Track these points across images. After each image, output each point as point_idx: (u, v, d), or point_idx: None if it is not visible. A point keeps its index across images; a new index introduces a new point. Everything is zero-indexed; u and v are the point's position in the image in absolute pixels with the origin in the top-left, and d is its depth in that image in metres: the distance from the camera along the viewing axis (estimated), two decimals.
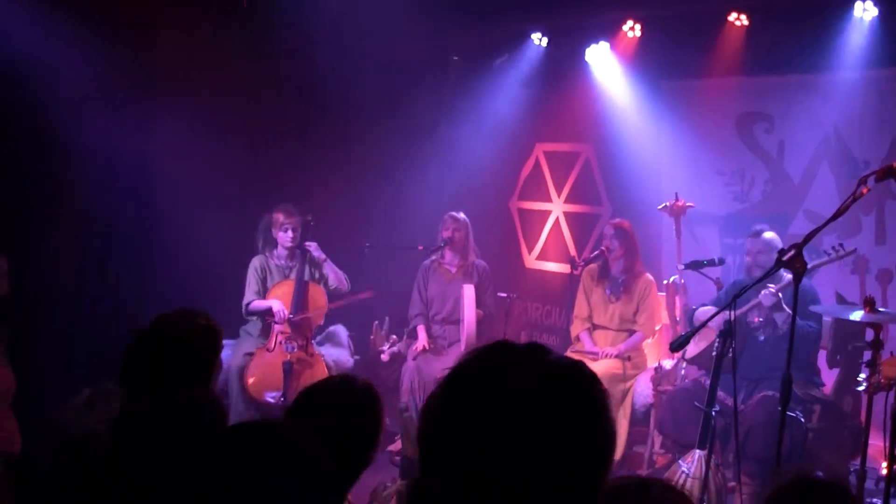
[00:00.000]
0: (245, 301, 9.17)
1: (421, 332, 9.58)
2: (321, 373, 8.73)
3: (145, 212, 10.04)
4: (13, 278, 7.38)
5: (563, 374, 1.83)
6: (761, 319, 7.90)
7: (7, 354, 6.37)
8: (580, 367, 1.88)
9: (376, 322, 9.91)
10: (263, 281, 9.23)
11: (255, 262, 9.27)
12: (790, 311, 7.31)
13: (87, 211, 9.58)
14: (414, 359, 9.32)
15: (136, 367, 4.26)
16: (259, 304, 9.13)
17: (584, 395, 1.82)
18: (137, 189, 9.94)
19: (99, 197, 9.67)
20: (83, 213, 9.55)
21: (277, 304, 9.02)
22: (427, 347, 9.45)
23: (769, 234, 8.02)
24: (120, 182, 9.75)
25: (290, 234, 9.16)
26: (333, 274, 9.28)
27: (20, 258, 8.09)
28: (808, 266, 5.66)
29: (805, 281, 7.06)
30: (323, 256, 9.24)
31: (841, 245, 7.38)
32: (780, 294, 7.63)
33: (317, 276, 9.29)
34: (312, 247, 9.22)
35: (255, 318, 9.19)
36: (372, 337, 9.86)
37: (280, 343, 8.88)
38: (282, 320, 8.94)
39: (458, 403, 1.82)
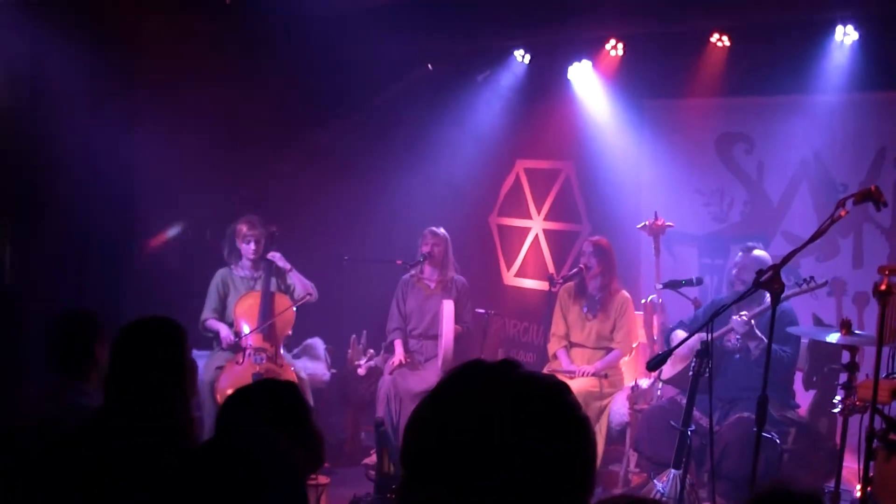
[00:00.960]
0: (202, 318, 9.15)
1: (398, 346, 9.56)
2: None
3: (122, 217, 10.02)
4: None
5: (534, 387, 1.85)
6: (735, 341, 7.91)
7: None
8: (550, 379, 1.90)
9: (353, 336, 9.89)
10: (224, 297, 9.21)
11: (217, 278, 9.25)
12: (764, 339, 7.38)
13: (65, 214, 9.56)
14: (390, 373, 9.30)
15: (111, 369, 4.28)
16: (212, 324, 9.13)
17: (556, 405, 1.83)
18: (115, 195, 9.91)
19: (77, 201, 9.65)
20: (61, 216, 9.53)
21: (224, 329, 9.03)
22: (403, 362, 9.43)
23: (760, 252, 8.03)
24: (97, 187, 9.71)
25: (252, 245, 9.13)
26: (300, 284, 9.22)
27: (16, 249, 8.08)
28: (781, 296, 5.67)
29: (784, 303, 7.09)
30: (288, 266, 9.19)
31: (812, 278, 7.39)
32: (752, 322, 7.66)
33: (283, 286, 9.25)
34: (276, 257, 9.17)
35: (210, 335, 9.16)
36: (349, 351, 9.84)
37: (249, 356, 8.84)
38: (229, 345, 8.93)
39: (436, 425, 1.84)
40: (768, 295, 5.72)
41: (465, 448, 1.76)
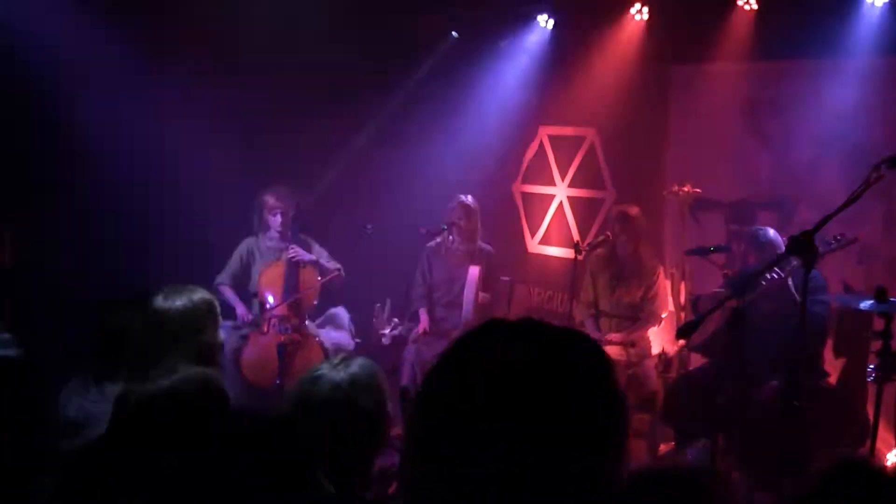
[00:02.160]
0: (217, 280, 9.09)
1: (423, 315, 9.50)
2: (315, 353, 8.66)
3: (146, 188, 9.98)
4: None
5: (561, 342, 1.74)
6: (766, 305, 7.81)
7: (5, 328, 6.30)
8: (577, 334, 1.78)
9: (378, 305, 9.85)
10: (247, 266, 9.15)
11: (243, 246, 9.23)
12: (797, 296, 7.29)
13: (88, 186, 9.53)
14: (414, 342, 9.25)
15: (134, 347, 4.22)
16: (225, 292, 9.07)
17: (584, 361, 1.73)
18: (138, 165, 9.87)
19: (99, 172, 9.61)
20: (83, 189, 9.49)
21: (241, 307, 9.00)
22: (428, 331, 9.38)
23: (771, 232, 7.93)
24: (121, 157, 9.68)
25: (278, 218, 9.07)
26: (324, 256, 9.17)
27: (20, 231, 8.04)
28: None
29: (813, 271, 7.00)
30: (313, 258, 9.08)
31: (842, 234, 7.30)
32: (789, 279, 7.53)
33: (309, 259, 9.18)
34: (297, 252, 9.04)
35: (216, 299, 9.07)
36: (373, 320, 9.79)
37: (273, 325, 8.79)
38: (244, 323, 8.88)
39: (453, 383, 1.72)
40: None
41: (483, 403, 1.66)
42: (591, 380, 1.71)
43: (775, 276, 7.53)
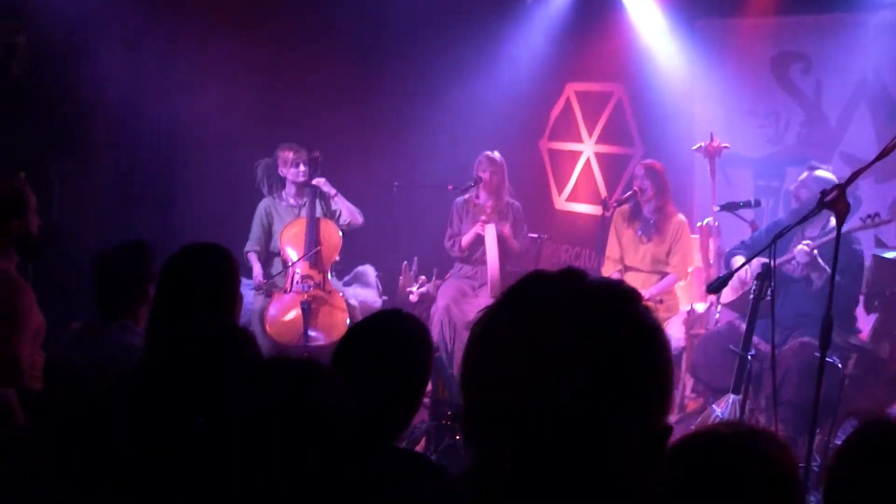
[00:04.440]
0: (245, 249, 9.06)
1: (472, 232, 9.44)
2: (340, 309, 8.66)
3: (167, 151, 10.02)
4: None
5: (606, 296, 1.69)
6: (798, 269, 7.76)
7: (35, 294, 6.33)
8: (623, 287, 1.74)
9: (405, 262, 9.83)
10: (268, 227, 9.11)
11: (261, 208, 9.14)
12: (827, 269, 7.24)
13: (110, 151, 9.58)
14: (455, 300, 9.21)
15: (158, 297, 4.22)
16: (251, 258, 9.06)
17: (628, 315, 1.69)
18: (158, 129, 9.92)
19: (121, 138, 9.67)
20: (106, 154, 9.55)
21: (257, 268, 8.97)
22: (482, 231, 9.30)
23: (822, 173, 7.81)
24: (141, 122, 9.75)
25: (301, 168, 9.02)
26: (346, 209, 9.12)
27: (45, 197, 8.04)
28: (844, 228, 5.51)
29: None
30: (333, 191, 9.08)
31: (877, 214, 7.24)
32: (815, 252, 7.48)
33: (328, 212, 9.15)
34: (321, 182, 9.06)
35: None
36: (400, 278, 9.78)
37: (297, 283, 8.78)
38: (259, 286, 8.87)
39: (497, 344, 1.68)
40: (832, 220, 5.58)
41: (529, 360, 1.62)
42: (638, 332, 1.68)
43: (805, 248, 7.49)
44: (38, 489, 3.57)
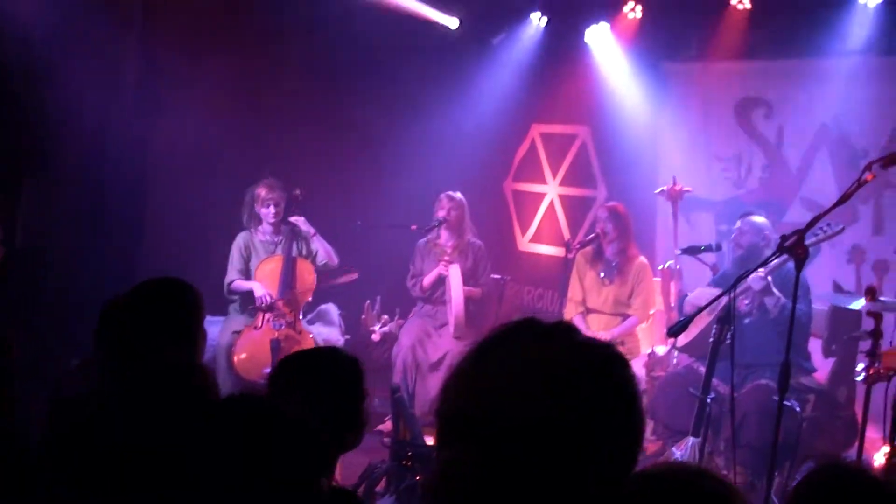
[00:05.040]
0: (227, 280, 8.98)
1: (434, 272, 9.46)
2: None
3: (135, 183, 9.97)
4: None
5: (595, 355, 1.75)
6: (748, 303, 7.80)
7: None
8: (612, 349, 1.80)
9: (368, 302, 9.83)
10: (247, 259, 9.07)
11: (240, 241, 9.07)
12: (780, 296, 7.30)
13: (79, 174, 9.52)
14: (419, 340, 9.22)
15: (116, 333, 4.18)
16: (241, 284, 8.95)
17: (616, 377, 1.74)
18: (130, 152, 9.87)
19: (90, 160, 9.61)
20: (74, 177, 9.48)
21: (259, 288, 8.84)
22: (445, 271, 9.31)
23: (758, 219, 7.91)
24: (110, 152, 9.68)
25: (272, 209, 8.96)
26: (323, 249, 9.10)
27: (9, 226, 8.03)
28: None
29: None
30: (312, 231, 9.07)
31: (829, 225, 7.30)
32: (768, 277, 7.53)
33: (305, 251, 9.13)
34: (300, 221, 9.05)
35: (236, 297, 9.03)
36: (363, 316, 9.77)
37: (268, 321, 8.75)
38: (264, 304, 8.79)
39: (484, 379, 1.74)
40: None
41: (505, 408, 1.67)
42: (619, 394, 1.74)
43: (759, 274, 7.54)
44: None
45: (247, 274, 9.02)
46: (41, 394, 4.71)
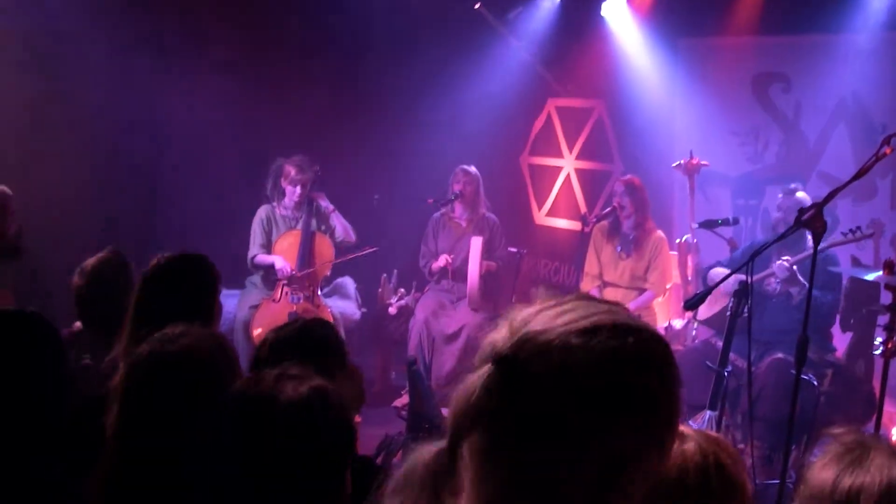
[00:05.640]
0: (250, 255, 9.05)
1: (440, 261, 9.44)
2: None
3: (152, 156, 10.00)
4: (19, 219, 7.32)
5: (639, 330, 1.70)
6: (777, 284, 7.80)
7: (14, 298, 6.31)
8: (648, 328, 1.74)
9: (384, 275, 9.85)
10: (269, 233, 9.10)
11: (261, 213, 9.12)
12: (805, 284, 7.28)
13: (95, 154, 9.53)
14: (434, 314, 9.23)
15: (138, 307, 4.19)
16: (263, 258, 9.00)
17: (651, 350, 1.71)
18: (145, 132, 9.89)
19: (106, 141, 9.62)
20: (90, 156, 9.50)
21: (280, 260, 8.90)
22: (449, 260, 9.33)
23: (801, 194, 7.89)
24: (127, 125, 9.72)
25: (298, 189, 8.99)
26: (341, 226, 9.14)
27: (26, 198, 8.04)
28: (824, 244, 5.56)
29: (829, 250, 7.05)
30: (331, 207, 9.10)
31: (858, 228, 7.27)
32: (794, 267, 7.53)
33: (323, 227, 9.16)
34: (320, 197, 9.09)
35: (260, 271, 9.07)
36: (380, 290, 9.80)
37: (286, 294, 8.77)
38: (284, 277, 8.82)
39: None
40: (810, 239, 5.62)
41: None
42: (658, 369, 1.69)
43: (785, 263, 7.54)
44: None
45: (269, 247, 9.06)
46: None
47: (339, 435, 2.61)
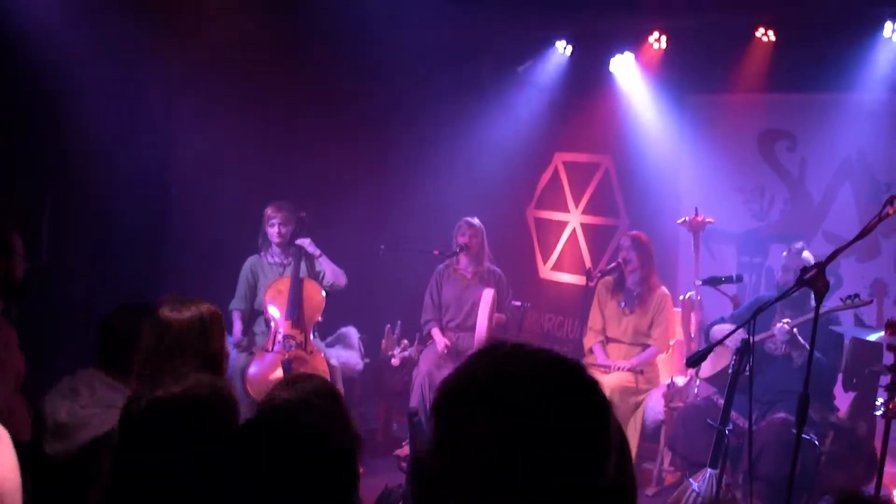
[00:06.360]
0: (230, 307, 9.08)
1: (437, 334, 9.48)
2: (321, 369, 8.63)
3: (156, 198, 10.03)
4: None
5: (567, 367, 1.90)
6: (780, 346, 7.79)
7: (17, 339, 6.31)
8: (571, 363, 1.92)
9: (388, 326, 9.84)
10: (254, 285, 9.12)
11: (246, 267, 9.16)
12: (806, 346, 7.27)
13: (101, 194, 9.56)
14: (434, 357, 9.23)
15: (142, 356, 4.21)
16: (234, 319, 9.07)
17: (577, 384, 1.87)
18: (150, 179, 9.92)
19: (113, 180, 9.66)
20: (95, 199, 9.53)
21: (237, 327, 9.01)
22: (449, 346, 9.35)
23: (807, 254, 7.90)
24: (133, 171, 9.73)
25: (276, 229, 9.02)
26: (330, 270, 9.14)
27: (30, 241, 8.06)
28: (822, 309, 5.55)
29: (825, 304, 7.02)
30: (317, 252, 9.10)
31: (857, 295, 7.27)
32: (794, 330, 7.52)
33: (312, 272, 9.18)
34: (305, 243, 9.09)
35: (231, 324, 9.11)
36: (383, 341, 9.79)
37: (278, 342, 8.79)
38: (235, 343, 8.85)
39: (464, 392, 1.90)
40: (813, 301, 5.63)
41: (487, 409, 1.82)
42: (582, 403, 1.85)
43: (785, 326, 7.53)
44: None
45: (251, 300, 9.10)
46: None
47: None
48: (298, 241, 9.06)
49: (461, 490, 1.78)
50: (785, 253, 8.02)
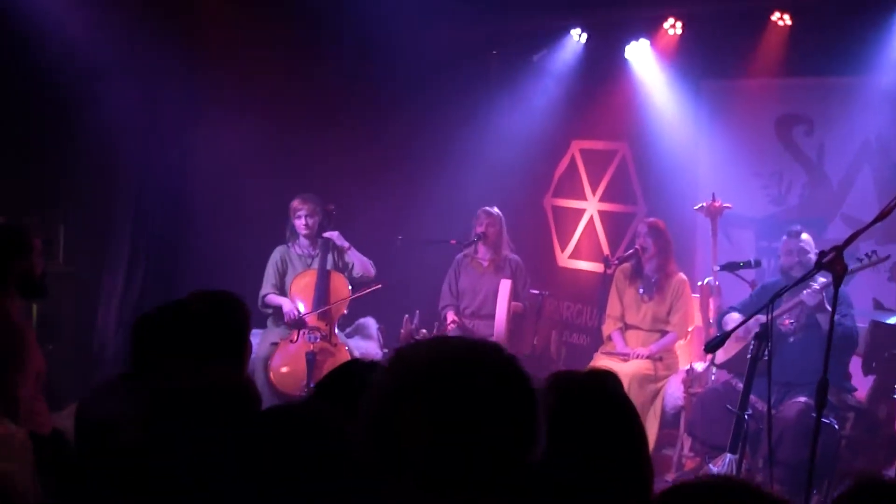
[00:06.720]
0: (261, 293, 9.09)
1: (450, 313, 9.49)
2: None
3: (177, 198, 10.05)
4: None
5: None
6: (793, 322, 7.77)
7: (36, 336, 6.32)
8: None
9: (406, 316, 9.83)
10: (283, 274, 9.15)
11: (276, 255, 9.20)
12: (829, 309, 7.23)
13: (121, 194, 9.60)
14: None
15: (166, 345, 4.19)
16: (273, 298, 9.06)
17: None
18: (169, 174, 9.94)
19: (133, 181, 9.69)
20: (116, 196, 9.57)
21: (288, 303, 8.96)
22: (456, 321, 9.35)
23: (806, 236, 7.89)
24: (154, 166, 9.77)
25: (302, 221, 9.05)
26: (359, 262, 9.17)
27: (50, 239, 8.09)
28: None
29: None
30: (346, 245, 9.14)
31: (874, 252, 7.25)
32: (823, 293, 7.45)
33: (341, 264, 9.19)
34: (334, 236, 9.12)
35: (269, 310, 9.10)
36: (401, 331, 9.78)
37: (303, 334, 8.79)
38: (291, 320, 8.86)
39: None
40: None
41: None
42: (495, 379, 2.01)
43: (814, 291, 7.48)
44: None
45: (281, 288, 9.11)
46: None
47: None
48: (327, 234, 9.09)
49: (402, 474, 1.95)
50: (785, 237, 7.99)
